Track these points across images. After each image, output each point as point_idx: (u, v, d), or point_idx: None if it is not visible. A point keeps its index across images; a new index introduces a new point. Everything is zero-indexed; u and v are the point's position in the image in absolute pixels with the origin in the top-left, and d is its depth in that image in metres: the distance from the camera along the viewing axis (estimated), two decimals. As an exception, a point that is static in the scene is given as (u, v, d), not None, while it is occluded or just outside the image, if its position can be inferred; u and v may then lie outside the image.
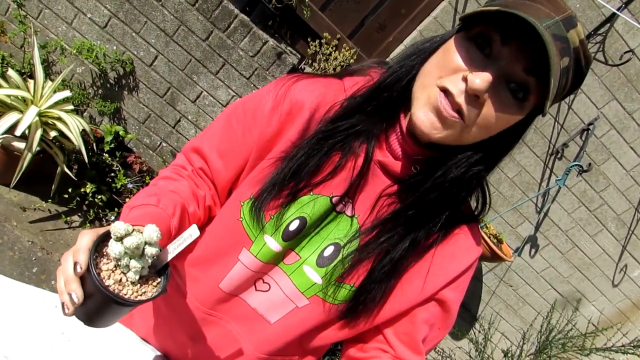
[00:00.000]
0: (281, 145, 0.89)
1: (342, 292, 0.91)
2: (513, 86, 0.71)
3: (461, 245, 0.91)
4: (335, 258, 0.90)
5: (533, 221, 3.29)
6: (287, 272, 0.94)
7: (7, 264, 2.43)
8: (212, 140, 0.97)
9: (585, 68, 0.73)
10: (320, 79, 0.93)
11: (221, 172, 0.96)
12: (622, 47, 2.71)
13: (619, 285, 3.58)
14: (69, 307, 0.67)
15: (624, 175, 3.12)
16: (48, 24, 2.63)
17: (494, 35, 0.70)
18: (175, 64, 2.70)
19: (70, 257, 0.68)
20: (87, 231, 0.70)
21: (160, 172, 1.03)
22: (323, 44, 2.73)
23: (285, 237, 0.90)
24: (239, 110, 0.94)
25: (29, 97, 2.41)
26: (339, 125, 0.86)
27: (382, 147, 0.88)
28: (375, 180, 0.89)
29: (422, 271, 0.89)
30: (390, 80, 0.83)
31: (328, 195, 0.89)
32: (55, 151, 2.50)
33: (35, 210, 2.69)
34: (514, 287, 3.58)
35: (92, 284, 0.67)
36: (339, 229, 0.91)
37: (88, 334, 1.01)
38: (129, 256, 0.69)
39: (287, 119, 0.89)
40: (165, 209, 0.85)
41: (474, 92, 0.69)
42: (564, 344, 3.27)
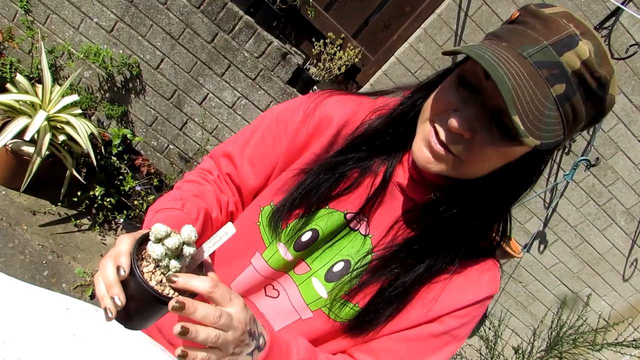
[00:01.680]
0: (306, 157, 0.91)
1: (346, 311, 0.90)
2: (500, 122, 0.68)
3: (473, 279, 0.88)
4: (344, 275, 0.90)
5: (541, 217, 3.27)
6: (297, 281, 0.94)
7: (18, 268, 2.46)
8: (244, 147, 0.98)
9: (599, 90, 0.66)
10: (353, 97, 0.94)
11: (249, 179, 0.98)
12: (628, 40, 2.70)
13: (630, 280, 3.56)
14: (112, 311, 0.67)
15: (632, 169, 3.10)
16: (55, 29, 2.66)
17: (479, 70, 0.69)
18: (181, 66, 2.72)
19: (109, 262, 0.69)
20: (125, 236, 0.71)
21: (186, 175, 1.04)
22: (327, 43, 2.73)
23: (296, 247, 0.91)
24: (272, 120, 0.96)
25: (37, 101, 2.43)
26: (349, 156, 0.87)
27: (405, 169, 0.87)
28: (394, 201, 0.89)
29: (428, 299, 0.88)
30: (398, 113, 0.86)
31: (343, 210, 0.89)
32: (64, 155, 2.53)
33: (45, 213, 2.71)
34: (524, 284, 3.56)
35: (136, 286, 0.68)
36: (352, 246, 0.91)
37: (99, 336, 1.02)
38: (168, 257, 0.71)
39: (314, 132, 0.91)
40: (189, 214, 0.86)
41: (455, 131, 0.69)
42: (574, 339, 3.26)
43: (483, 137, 0.70)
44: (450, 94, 0.73)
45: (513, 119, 0.61)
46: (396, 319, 0.89)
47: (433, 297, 0.87)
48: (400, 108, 0.86)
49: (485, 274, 0.89)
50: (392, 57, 2.77)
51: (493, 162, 0.73)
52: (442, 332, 0.88)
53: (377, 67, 2.82)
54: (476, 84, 0.70)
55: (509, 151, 0.71)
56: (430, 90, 0.80)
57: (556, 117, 0.65)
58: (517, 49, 0.65)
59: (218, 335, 0.67)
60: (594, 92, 0.66)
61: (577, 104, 0.66)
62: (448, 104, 0.72)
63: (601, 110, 0.70)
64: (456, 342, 0.91)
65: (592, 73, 0.64)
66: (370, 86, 2.83)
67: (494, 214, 0.84)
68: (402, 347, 0.89)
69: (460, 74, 0.73)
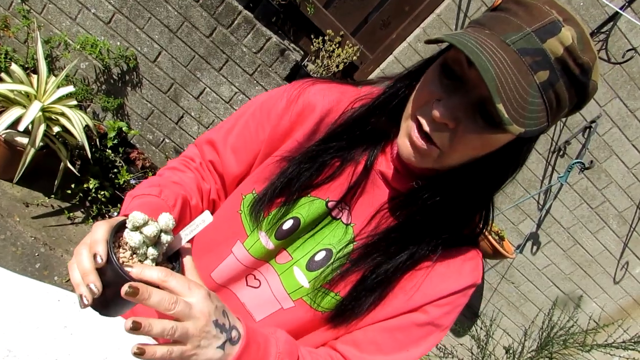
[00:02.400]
0: (288, 144, 0.91)
1: (327, 300, 0.90)
2: (483, 110, 0.68)
3: (456, 267, 0.88)
4: (326, 264, 0.89)
5: (535, 218, 3.29)
6: (278, 271, 0.93)
7: (10, 260, 2.44)
8: (227, 135, 0.98)
9: (582, 77, 0.66)
10: (337, 85, 0.93)
11: (232, 166, 0.97)
12: (625, 45, 2.71)
13: (620, 282, 3.59)
14: (88, 299, 0.66)
15: (625, 173, 3.12)
16: (52, 19, 2.64)
17: (462, 58, 0.68)
18: (178, 60, 2.71)
19: (85, 250, 0.68)
20: (101, 223, 0.70)
21: (169, 162, 1.03)
22: (326, 40, 2.73)
23: (278, 236, 0.90)
24: (256, 108, 0.96)
25: (32, 92, 2.41)
26: (330, 145, 0.87)
27: (387, 158, 0.87)
28: (375, 190, 0.88)
29: (410, 287, 0.87)
30: (380, 102, 0.85)
31: (324, 199, 0.89)
32: (59, 147, 2.51)
33: (38, 205, 2.69)
34: (516, 284, 3.58)
35: (112, 273, 0.68)
36: (333, 235, 0.91)
37: (91, 328, 1.02)
38: (146, 244, 0.71)
39: (297, 119, 0.90)
40: (167, 200, 0.85)
41: (439, 120, 0.69)
42: (565, 340, 3.28)
43: (467, 126, 0.69)
44: (433, 85, 0.72)
45: (497, 107, 0.61)
46: (378, 308, 0.89)
47: (415, 286, 0.87)
48: (382, 97, 0.86)
49: (467, 262, 0.89)
50: (391, 55, 2.77)
51: (476, 150, 0.73)
52: (425, 322, 0.88)
53: (375, 65, 2.82)
54: (459, 73, 0.69)
55: (492, 139, 0.71)
56: (413, 79, 0.80)
57: (540, 104, 0.64)
58: (500, 36, 0.64)
59: (175, 327, 0.64)
60: (577, 78, 0.65)
61: (560, 90, 0.65)
62: (431, 94, 0.72)
63: (584, 97, 0.69)
64: (439, 331, 0.90)
65: (575, 59, 0.64)
66: (367, 84, 2.83)
67: (476, 201, 0.84)
68: (385, 337, 0.89)
69: (443, 62, 0.72)
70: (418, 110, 0.74)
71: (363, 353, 0.89)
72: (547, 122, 0.67)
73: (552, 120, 0.69)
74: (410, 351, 0.89)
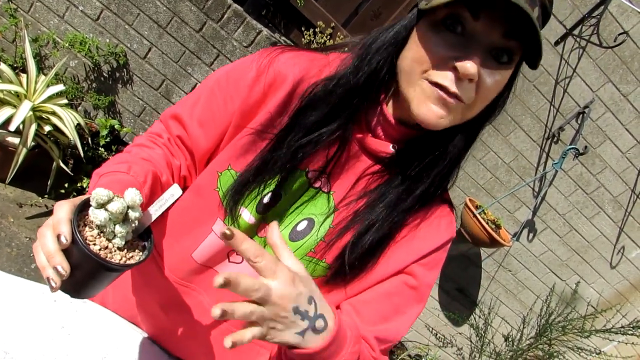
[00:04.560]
0: (261, 116, 0.88)
1: (313, 268, 0.90)
2: (495, 53, 0.72)
3: (433, 226, 0.92)
4: (309, 233, 0.90)
5: (530, 206, 3.30)
6: (261, 245, 0.92)
7: (4, 261, 2.43)
8: (192, 108, 0.94)
9: (549, 6, 0.74)
10: (305, 53, 0.91)
11: (200, 140, 0.93)
12: (616, 29, 2.70)
13: (617, 267, 3.60)
14: (56, 281, 0.64)
15: (619, 158, 3.13)
16: (39, 17, 2.61)
17: (463, 13, 0.70)
18: (169, 55, 2.68)
19: (48, 230, 0.65)
20: (63, 202, 0.68)
21: (135, 139, 0.99)
22: (317, 32, 2.71)
23: (259, 210, 0.89)
24: (221, 79, 0.92)
25: (22, 91, 2.39)
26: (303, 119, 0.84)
27: (363, 126, 0.87)
28: (354, 158, 0.89)
29: (394, 249, 0.90)
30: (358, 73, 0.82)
31: (303, 169, 0.88)
32: (51, 146, 2.49)
33: (31, 206, 2.68)
34: (513, 272, 3.59)
35: (79, 253, 0.65)
36: (315, 205, 0.90)
37: (88, 328, 1.01)
38: (113, 222, 0.68)
39: (269, 89, 0.87)
40: (136, 177, 0.82)
41: (468, 77, 0.70)
42: (564, 326, 3.29)
43: (486, 76, 0.73)
44: (440, 45, 0.73)
45: (539, 36, 0.67)
46: (364, 275, 0.91)
47: (399, 246, 0.90)
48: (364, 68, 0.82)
49: (443, 219, 0.93)
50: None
51: (493, 93, 0.77)
52: (415, 281, 0.91)
53: (367, 56, 2.80)
54: (461, 28, 0.72)
55: (503, 78, 0.75)
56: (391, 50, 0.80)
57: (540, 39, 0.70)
58: None
59: (253, 310, 0.64)
60: (547, 10, 0.73)
61: (540, 23, 0.72)
62: (443, 55, 0.72)
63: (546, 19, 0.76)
64: (427, 288, 0.94)
65: None
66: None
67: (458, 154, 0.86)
68: (384, 304, 0.91)
69: (438, 21, 0.73)
70: (430, 72, 0.73)
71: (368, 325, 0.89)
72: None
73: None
74: (407, 312, 0.92)
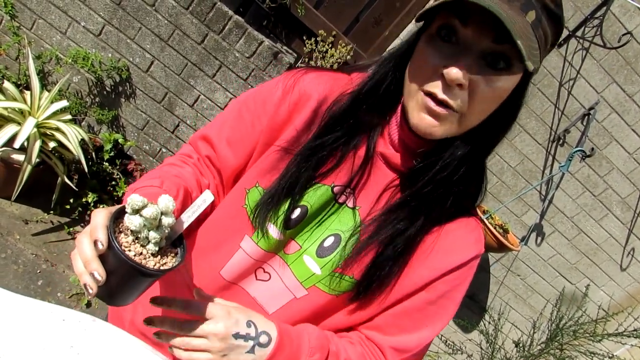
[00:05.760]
0: (287, 134, 0.91)
1: (341, 284, 0.91)
2: (490, 59, 0.71)
3: (460, 240, 0.90)
4: (336, 249, 0.90)
5: (538, 209, 3.27)
6: (288, 261, 0.94)
7: (11, 278, 2.42)
8: (221, 129, 0.98)
9: (557, 9, 0.72)
10: (329, 72, 0.95)
11: (229, 160, 0.97)
12: (619, 29, 2.69)
13: (628, 269, 3.56)
14: (93, 287, 0.66)
15: (627, 159, 3.11)
16: (42, 34, 2.62)
17: (453, 21, 0.71)
18: (171, 68, 2.69)
19: (85, 238, 0.67)
20: (99, 210, 0.70)
21: (165, 160, 1.04)
22: (319, 41, 2.71)
23: (286, 226, 0.91)
24: (249, 100, 0.96)
25: (26, 108, 2.39)
26: (326, 140, 0.88)
27: (386, 141, 0.89)
28: (378, 172, 0.90)
29: (418, 264, 0.90)
30: (370, 86, 0.87)
31: (329, 184, 0.90)
32: (55, 162, 2.49)
33: (37, 222, 2.67)
34: (522, 277, 3.56)
35: (115, 259, 0.67)
36: (341, 221, 0.92)
37: (98, 347, 1.00)
38: (147, 228, 0.70)
39: (294, 108, 0.91)
40: (169, 191, 0.85)
41: (453, 83, 0.70)
42: (575, 331, 3.26)
43: (478, 82, 0.71)
44: (432, 56, 0.74)
45: (518, 44, 0.64)
46: (389, 289, 0.91)
47: (423, 261, 0.89)
48: (371, 82, 0.87)
49: (470, 234, 0.91)
50: (385, 53, 2.74)
51: (491, 102, 0.76)
52: (437, 298, 0.90)
53: (370, 63, 2.80)
54: (454, 37, 0.72)
55: (502, 86, 0.74)
56: (401, 59, 0.83)
57: (535, 41, 0.69)
58: None
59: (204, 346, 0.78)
60: (553, 12, 0.71)
61: (545, 27, 0.71)
62: (435, 64, 0.73)
63: (559, 30, 0.75)
64: (453, 304, 0.93)
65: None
66: (363, 83, 2.80)
67: (477, 166, 0.86)
68: (404, 319, 0.92)
69: (434, 34, 0.74)
70: (425, 83, 0.75)
71: (387, 335, 0.92)
72: (540, 62, 0.72)
73: (543, 57, 0.75)
74: (429, 327, 0.92)
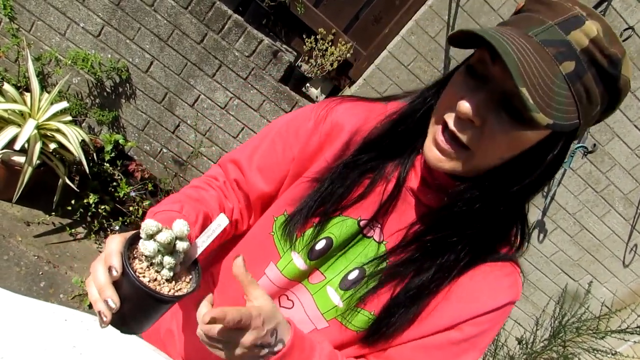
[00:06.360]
0: (317, 164, 0.90)
1: (361, 319, 0.88)
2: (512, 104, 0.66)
3: (492, 284, 0.84)
4: (359, 282, 0.88)
5: (540, 206, 3.26)
6: (311, 291, 0.92)
7: (14, 280, 2.42)
8: (252, 154, 0.97)
9: (611, 69, 0.64)
10: (365, 103, 0.93)
11: (258, 185, 0.96)
12: (620, 25, 2.68)
13: (630, 265, 3.56)
14: (107, 315, 0.65)
15: (629, 154, 3.10)
16: (41, 35, 2.61)
17: (485, 56, 0.67)
18: (171, 68, 2.68)
19: (100, 265, 0.67)
20: (114, 236, 0.70)
21: (192, 181, 1.03)
22: (319, 39, 2.70)
23: (311, 256, 0.89)
24: (282, 128, 0.95)
25: (26, 110, 2.39)
26: (360, 158, 0.86)
27: (417, 173, 0.85)
28: (407, 207, 0.86)
29: (446, 305, 0.84)
30: (406, 112, 0.84)
31: (356, 218, 0.88)
32: (56, 163, 2.49)
33: (39, 224, 2.67)
34: (525, 273, 3.53)
35: (129, 285, 0.66)
36: (366, 254, 0.89)
37: (100, 346, 1.00)
38: (161, 253, 0.69)
39: (326, 139, 0.90)
40: (188, 216, 0.84)
41: (463, 116, 0.68)
42: (577, 327, 3.25)
43: (492, 123, 0.67)
44: (458, 86, 0.71)
45: (520, 91, 0.59)
46: (413, 327, 0.86)
47: (450, 304, 0.84)
48: (408, 107, 0.85)
49: (504, 279, 0.85)
50: (385, 50, 2.74)
51: (505, 149, 0.70)
52: (461, 340, 0.85)
53: (370, 61, 2.80)
54: (483, 72, 0.68)
55: (522, 137, 0.68)
56: (439, 87, 0.79)
57: (568, 96, 0.62)
58: (523, 30, 0.64)
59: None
60: (605, 70, 0.64)
61: (589, 83, 0.64)
62: (455, 95, 0.70)
63: (616, 93, 0.67)
64: (475, 351, 0.86)
65: (602, 50, 0.63)
66: (363, 81, 2.80)
67: (509, 210, 0.79)
68: (420, 356, 0.86)
69: (467, 64, 0.72)
70: (444, 112, 0.72)
71: None
72: (579, 119, 0.65)
73: (585, 116, 0.66)
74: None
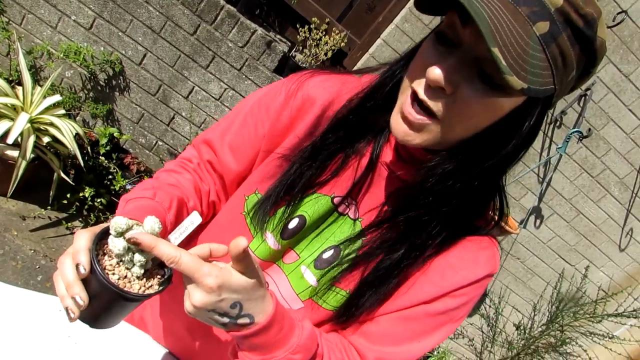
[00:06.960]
0: (289, 140, 0.88)
1: (336, 298, 0.87)
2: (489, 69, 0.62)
3: (470, 258, 0.83)
4: (334, 261, 0.86)
5: (536, 192, 3.27)
6: (286, 271, 0.91)
7: (10, 274, 2.42)
8: (223, 133, 0.95)
9: (587, 29, 0.60)
10: (338, 76, 0.90)
11: (231, 165, 0.94)
12: (614, 9, 2.68)
13: (626, 249, 3.58)
14: (74, 311, 0.64)
15: (624, 139, 3.10)
16: (32, 29, 2.59)
17: (455, 20, 0.63)
18: (164, 60, 2.67)
19: (67, 260, 0.65)
20: (83, 231, 0.68)
21: (165, 164, 1.01)
22: (312, 29, 2.69)
23: (284, 236, 0.88)
24: (254, 104, 0.93)
25: (18, 104, 2.38)
26: (328, 138, 0.83)
27: (391, 147, 0.82)
28: (382, 182, 0.84)
29: (422, 278, 0.83)
30: (375, 86, 0.81)
31: (330, 195, 0.86)
32: (51, 157, 2.48)
33: (35, 218, 2.67)
34: (522, 260, 3.57)
35: (97, 283, 0.65)
36: (341, 232, 0.87)
37: (95, 336, 1.00)
38: (132, 251, 0.68)
39: (297, 114, 0.87)
40: (162, 202, 0.83)
41: (434, 84, 0.64)
42: (575, 312, 3.27)
43: (465, 90, 0.63)
44: (427, 53, 0.67)
45: (492, 52, 0.55)
46: (389, 302, 0.85)
47: (427, 278, 0.83)
48: (377, 82, 0.81)
49: (482, 252, 0.83)
50: (379, 39, 2.73)
51: (478, 119, 0.67)
52: (439, 312, 0.84)
53: (364, 50, 2.79)
54: (454, 37, 0.64)
55: (495, 104, 0.65)
56: (409, 59, 0.74)
57: (542, 59, 0.59)
58: None
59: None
60: (581, 31, 0.60)
61: (564, 45, 0.60)
62: (425, 63, 0.66)
63: (592, 55, 0.64)
64: (453, 322, 0.86)
65: (577, 10, 0.59)
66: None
67: (485, 186, 0.77)
68: (397, 327, 0.85)
69: (437, 31, 0.67)
70: (413, 81, 0.68)
71: (374, 344, 0.85)
72: (554, 85, 0.62)
73: (560, 82, 0.63)
74: (422, 342, 0.85)
